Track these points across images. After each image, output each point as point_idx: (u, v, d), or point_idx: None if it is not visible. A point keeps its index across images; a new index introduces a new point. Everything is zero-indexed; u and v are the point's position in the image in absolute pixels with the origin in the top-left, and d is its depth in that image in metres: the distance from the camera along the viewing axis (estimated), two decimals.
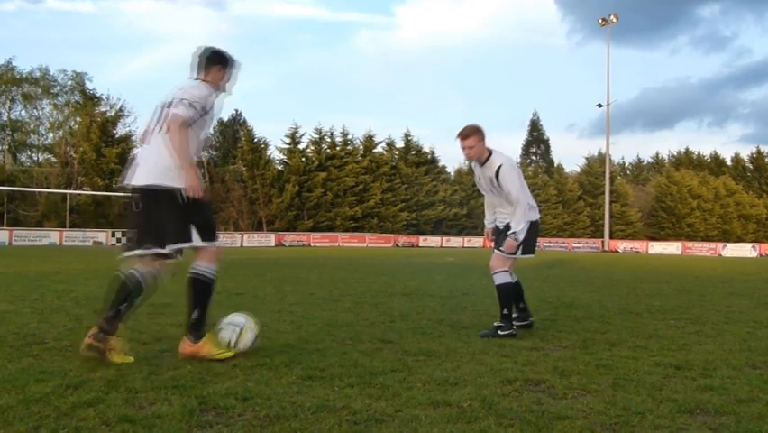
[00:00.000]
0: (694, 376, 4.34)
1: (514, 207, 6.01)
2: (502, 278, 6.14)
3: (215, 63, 4.82)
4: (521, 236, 6.01)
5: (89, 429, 2.98)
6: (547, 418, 3.28)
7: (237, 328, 4.75)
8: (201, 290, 4.69)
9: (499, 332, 5.93)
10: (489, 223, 6.57)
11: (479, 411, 3.37)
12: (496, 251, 6.23)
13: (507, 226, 6.10)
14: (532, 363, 4.69)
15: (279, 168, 59.50)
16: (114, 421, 3.09)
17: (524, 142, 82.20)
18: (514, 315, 6.22)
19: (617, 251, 56.12)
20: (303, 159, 59.43)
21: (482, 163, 6.16)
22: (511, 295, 6.18)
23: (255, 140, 59.19)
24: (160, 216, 4.46)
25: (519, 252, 6.14)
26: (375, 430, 3.05)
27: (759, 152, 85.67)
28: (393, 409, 3.38)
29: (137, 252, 4.58)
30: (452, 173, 69.28)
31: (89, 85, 56.18)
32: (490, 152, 6.14)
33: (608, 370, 4.48)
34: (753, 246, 57.04)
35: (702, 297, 10.49)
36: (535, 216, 6.25)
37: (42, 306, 7.41)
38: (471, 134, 6.08)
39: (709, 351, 5.32)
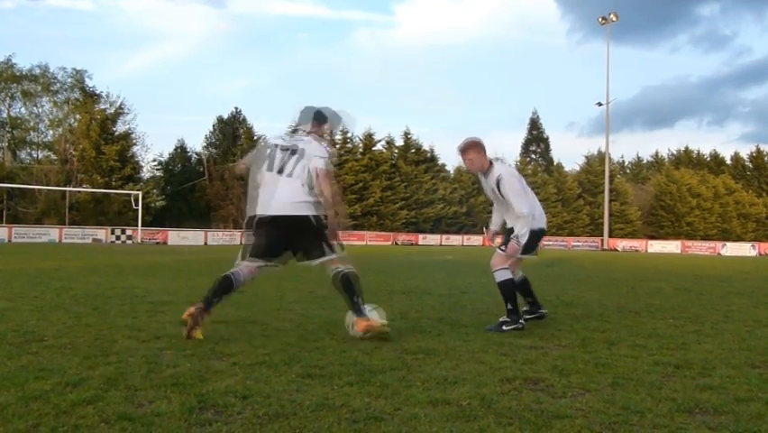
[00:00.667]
0: (693, 375, 4.35)
1: (517, 215, 6.14)
2: (502, 275, 6.27)
3: (324, 121, 6.16)
4: (523, 240, 6.12)
5: (88, 427, 2.98)
6: (546, 416, 3.28)
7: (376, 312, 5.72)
8: (353, 281, 5.70)
9: (504, 327, 6.06)
10: (493, 226, 6.72)
11: (478, 410, 3.38)
12: (498, 250, 6.32)
13: (512, 229, 6.25)
14: (531, 361, 4.69)
15: None
16: (114, 419, 3.10)
17: (523, 141, 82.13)
18: (524, 308, 6.45)
19: (616, 249, 56.15)
20: None
21: (485, 174, 6.31)
22: (513, 291, 6.27)
23: (255, 138, 59.13)
24: (304, 238, 5.52)
25: (519, 252, 6.25)
26: (374, 429, 3.05)
27: (759, 151, 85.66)
28: (392, 408, 3.38)
29: (259, 262, 5.54)
30: (451, 171, 69.25)
31: (89, 82, 56.04)
32: (491, 163, 6.29)
33: (607, 369, 4.48)
34: (752, 245, 57.07)
35: (701, 296, 10.49)
36: (539, 224, 6.37)
37: (42, 303, 7.41)
38: (470, 148, 6.24)
39: (708, 350, 5.32)
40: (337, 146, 60.66)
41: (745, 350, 5.37)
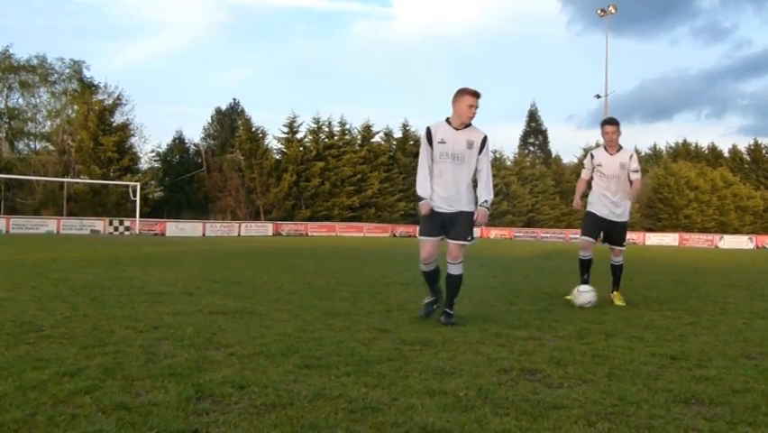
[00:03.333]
0: (689, 367, 4.36)
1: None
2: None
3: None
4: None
5: (85, 417, 2.99)
6: (543, 407, 3.29)
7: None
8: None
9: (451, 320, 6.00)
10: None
11: (474, 400, 3.39)
12: (464, 242, 6.21)
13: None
14: (528, 352, 4.70)
15: (277, 157, 59.31)
16: (111, 409, 3.10)
17: (522, 133, 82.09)
18: (432, 298, 6.46)
19: None
20: (301, 148, 59.28)
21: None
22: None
23: (253, 129, 59.01)
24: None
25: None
26: (371, 419, 3.06)
27: (756, 144, 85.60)
28: (389, 398, 3.39)
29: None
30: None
31: (87, 73, 55.90)
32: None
33: (603, 360, 4.49)
34: (749, 238, 57.15)
35: (698, 288, 10.51)
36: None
37: (40, 294, 7.41)
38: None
39: (705, 342, 5.34)
40: (335, 138, 60.68)
41: (742, 342, 5.39)
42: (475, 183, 6.23)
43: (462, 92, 6.08)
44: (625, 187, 7.97)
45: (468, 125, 6.13)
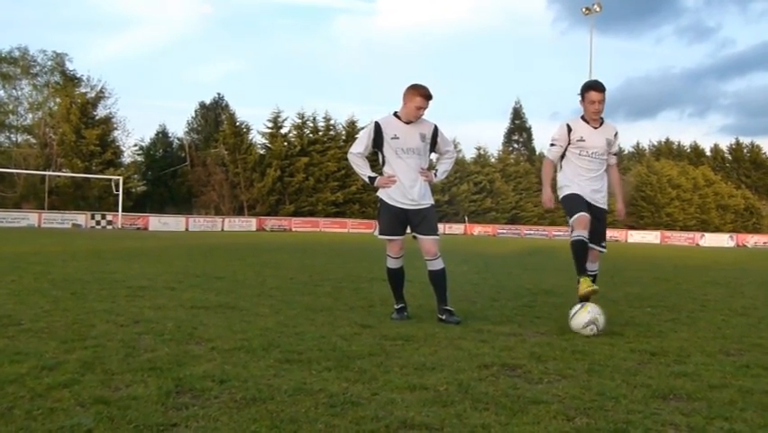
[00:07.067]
0: (668, 362, 4.39)
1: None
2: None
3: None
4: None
5: (64, 411, 2.97)
6: (522, 402, 3.31)
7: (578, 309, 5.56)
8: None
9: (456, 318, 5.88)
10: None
11: (455, 395, 3.39)
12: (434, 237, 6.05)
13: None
14: (509, 348, 4.72)
15: (261, 152, 59.14)
16: (90, 403, 3.08)
17: (506, 130, 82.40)
18: (401, 305, 6.19)
19: None
20: (285, 143, 59.13)
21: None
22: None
23: (237, 124, 58.80)
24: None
25: (377, 231, 6.14)
26: (351, 413, 3.06)
27: (738, 144, 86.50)
28: (370, 393, 3.39)
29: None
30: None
31: (69, 66, 55.44)
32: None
33: (584, 355, 4.52)
34: (730, 236, 57.72)
35: (679, 285, 10.60)
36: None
37: (19, 287, 7.35)
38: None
39: (684, 338, 5.38)
40: (320, 133, 60.56)
41: (720, 338, 5.43)
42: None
43: (414, 92, 5.89)
44: (605, 171, 6.43)
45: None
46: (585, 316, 5.38)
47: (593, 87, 6.15)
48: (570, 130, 6.22)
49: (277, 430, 2.82)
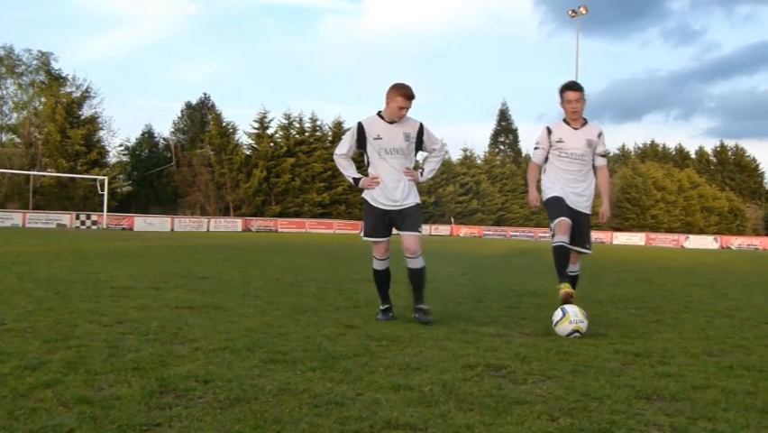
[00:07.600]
0: (652, 363, 4.41)
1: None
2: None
3: None
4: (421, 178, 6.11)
5: (46, 411, 2.95)
6: (506, 402, 3.31)
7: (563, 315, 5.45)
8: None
9: (429, 318, 5.86)
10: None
11: (439, 396, 3.40)
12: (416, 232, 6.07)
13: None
14: (494, 349, 4.73)
15: (247, 153, 59.01)
16: (72, 403, 3.06)
17: (492, 132, 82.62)
18: (387, 306, 6.17)
19: None
20: (271, 144, 59.05)
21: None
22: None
23: (223, 124, 58.68)
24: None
25: (362, 233, 6.14)
26: (335, 413, 3.06)
27: (723, 146, 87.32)
28: (354, 393, 3.39)
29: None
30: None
31: (55, 65, 55.14)
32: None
33: (568, 356, 4.53)
34: (714, 238, 58.09)
35: (663, 287, 10.66)
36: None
37: (3, 287, 7.30)
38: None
39: (668, 339, 5.41)
40: (306, 134, 60.48)
41: (704, 339, 5.46)
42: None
43: (396, 92, 5.80)
44: (589, 173, 6.41)
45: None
46: (567, 326, 5.35)
47: (569, 87, 6.22)
48: (549, 132, 6.30)
49: (261, 430, 2.81)
